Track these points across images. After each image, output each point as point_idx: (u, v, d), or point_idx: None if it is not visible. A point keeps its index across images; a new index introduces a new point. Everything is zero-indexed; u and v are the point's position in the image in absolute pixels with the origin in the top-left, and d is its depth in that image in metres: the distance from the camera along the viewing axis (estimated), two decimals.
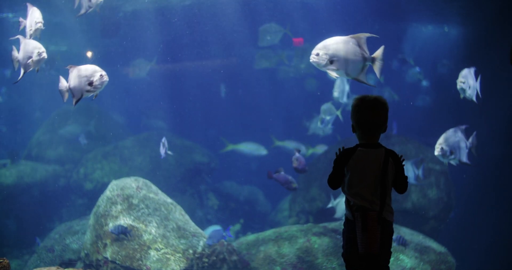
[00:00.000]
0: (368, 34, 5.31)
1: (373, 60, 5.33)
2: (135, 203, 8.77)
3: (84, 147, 14.12)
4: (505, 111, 12.38)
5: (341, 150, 3.78)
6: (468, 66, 7.21)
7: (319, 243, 8.48)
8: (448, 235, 10.79)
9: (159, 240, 8.36)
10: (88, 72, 5.64)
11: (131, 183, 9.11)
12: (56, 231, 11.00)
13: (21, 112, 20.02)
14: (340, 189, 3.90)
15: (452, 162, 7.34)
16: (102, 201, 8.95)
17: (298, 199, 11.65)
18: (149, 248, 8.24)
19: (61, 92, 5.90)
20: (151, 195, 9.05)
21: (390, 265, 3.82)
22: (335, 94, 10.78)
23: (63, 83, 5.85)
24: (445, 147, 7.06)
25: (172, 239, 8.45)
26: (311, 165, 11.71)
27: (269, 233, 9.16)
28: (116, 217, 8.57)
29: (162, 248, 8.26)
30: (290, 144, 12.75)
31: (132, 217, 8.59)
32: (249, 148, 13.23)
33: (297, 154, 8.74)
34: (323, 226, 9.09)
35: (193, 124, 18.69)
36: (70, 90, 5.76)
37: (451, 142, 7.08)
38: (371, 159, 3.68)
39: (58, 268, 6.45)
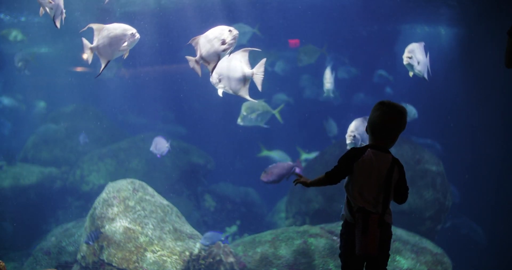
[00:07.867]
0: (250, 48, 5.42)
1: (252, 74, 5.42)
2: (131, 205, 8.77)
3: (80, 148, 14.08)
4: (500, 111, 12.43)
5: (351, 149, 3.85)
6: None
7: (316, 245, 8.49)
8: (444, 236, 10.82)
9: (156, 242, 8.36)
10: (215, 33, 5.31)
11: (128, 185, 9.10)
12: (52, 234, 10.96)
13: (17, 114, 19.92)
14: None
15: None
16: (98, 203, 8.94)
17: (295, 200, 11.64)
18: (145, 250, 8.23)
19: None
20: (148, 197, 9.04)
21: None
22: (328, 85, 10.51)
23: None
24: (357, 135, 6.66)
25: (168, 241, 8.44)
26: (307, 167, 11.71)
27: (265, 234, 9.16)
28: (113, 219, 8.56)
29: (159, 250, 8.25)
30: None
31: (129, 219, 8.58)
32: (280, 156, 13.16)
33: (272, 165, 7.67)
34: (319, 228, 9.09)
35: (197, 124, 18.56)
36: (202, 59, 5.36)
37: (361, 131, 6.67)
38: (379, 161, 3.73)
39: None
